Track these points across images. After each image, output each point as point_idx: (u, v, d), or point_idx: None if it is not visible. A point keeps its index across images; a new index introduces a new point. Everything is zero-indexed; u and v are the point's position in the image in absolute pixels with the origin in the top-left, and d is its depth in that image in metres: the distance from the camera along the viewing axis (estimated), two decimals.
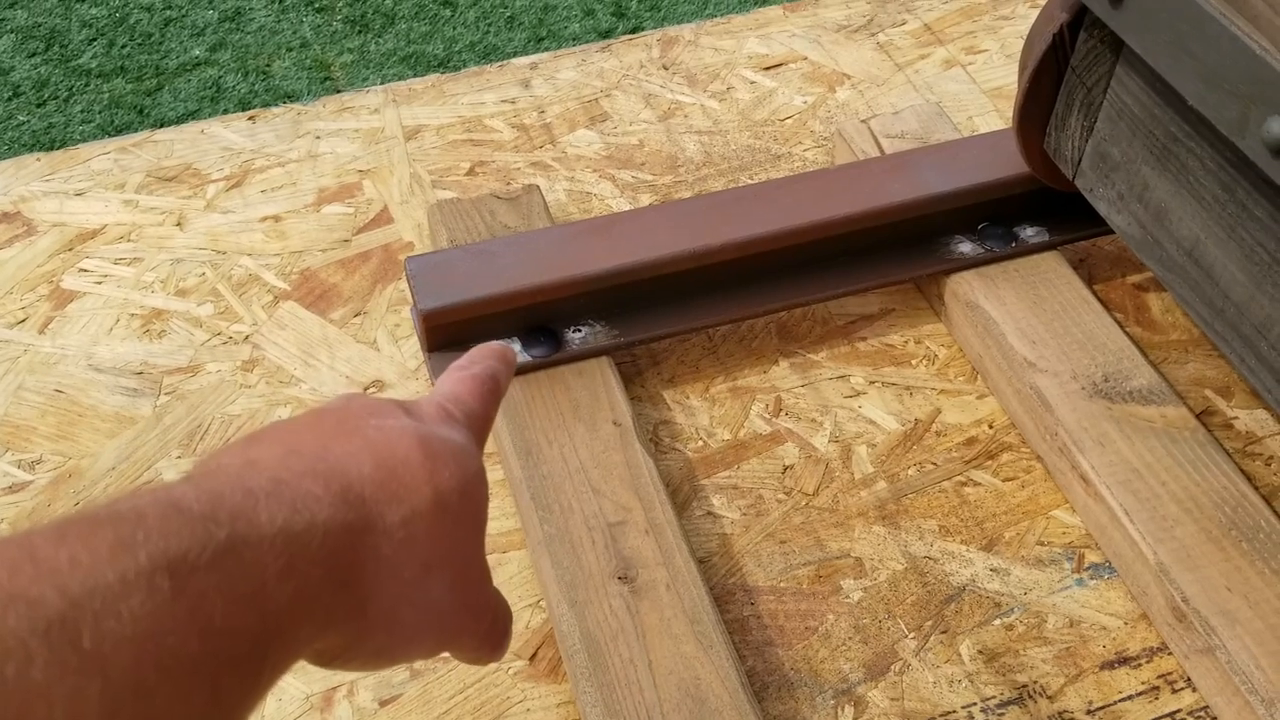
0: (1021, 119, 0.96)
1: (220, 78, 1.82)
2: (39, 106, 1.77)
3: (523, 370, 0.93)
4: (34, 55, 1.85)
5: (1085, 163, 0.93)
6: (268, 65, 1.84)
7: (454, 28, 1.90)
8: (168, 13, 1.92)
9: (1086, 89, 0.90)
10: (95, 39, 1.88)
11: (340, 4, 1.93)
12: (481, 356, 0.52)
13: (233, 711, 0.33)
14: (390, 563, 0.39)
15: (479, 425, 0.48)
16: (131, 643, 0.29)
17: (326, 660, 0.40)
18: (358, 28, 1.91)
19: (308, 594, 0.35)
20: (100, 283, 1.08)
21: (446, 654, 0.46)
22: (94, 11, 1.91)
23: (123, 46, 1.87)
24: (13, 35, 1.87)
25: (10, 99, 1.77)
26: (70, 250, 1.11)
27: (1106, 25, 0.81)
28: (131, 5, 1.93)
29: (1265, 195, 0.75)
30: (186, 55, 1.86)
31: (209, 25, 1.91)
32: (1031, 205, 1.03)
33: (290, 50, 1.87)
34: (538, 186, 1.08)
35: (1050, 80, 0.93)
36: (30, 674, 0.27)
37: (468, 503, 0.43)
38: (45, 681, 0.28)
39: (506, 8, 1.93)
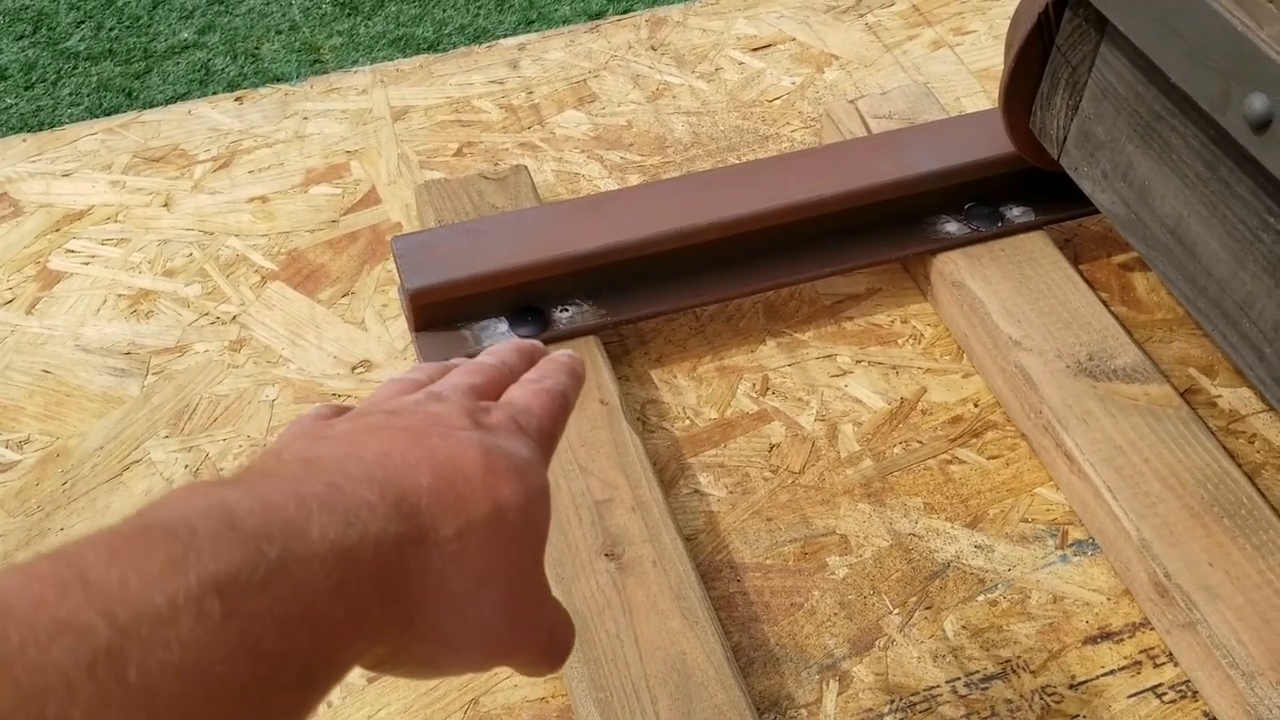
0: (1007, 98, 0.96)
1: (209, 60, 1.82)
2: (27, 89, 1.77)
3: None
4: (21, 38, 1.84)
5: (1070, 142, 0.93)
6: (257, 48, 1.84)
7: (444, 10, 1.89)
8: None
9: (1071, 68, 0.90)
10: (83, 21, 1.87)
11: None
12: (554, 370, 0.51)
13: None
14: (440, 575, 0.39)
15: (547, 441, 0.47)
16: (178, 672, 0.29)
17: (372, 665, 0.39)
18: (347, 10, 1.91)
19: (358, 610, 0.35)
20: (87, 263, 1.08)
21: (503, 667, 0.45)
22: None
23: (111, 29, 1.86)
24: None
25: None
26: (57, 231, 1.11)
27: (1091, 3, 0.82)
28: None
29: (1247, 172, 0.75)
30: (175, 38, 1.86)
31: (198, 8, 1.90)
32: (1018, 185, 1.03)
33: (279, 33, 1.87)
34: (525, 167, 1.08)
35: (1036, 59, 0.93)
36: (70, 715, 0.26)
37: (527, 519, 0.42)
38: None
39: None
